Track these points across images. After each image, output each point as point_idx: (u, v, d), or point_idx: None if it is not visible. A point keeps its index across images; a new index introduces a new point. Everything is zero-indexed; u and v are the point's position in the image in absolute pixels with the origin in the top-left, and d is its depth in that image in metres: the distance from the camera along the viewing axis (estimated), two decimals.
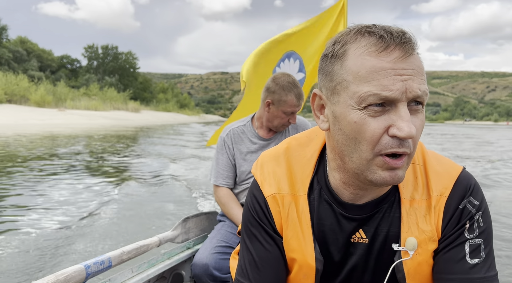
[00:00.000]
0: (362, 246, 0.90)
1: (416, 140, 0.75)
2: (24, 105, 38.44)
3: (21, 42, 75.76)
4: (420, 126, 0.74)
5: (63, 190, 6.43)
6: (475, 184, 0.88)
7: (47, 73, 71.57)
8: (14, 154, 10.83)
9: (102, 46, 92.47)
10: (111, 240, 4.00)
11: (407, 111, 0.71)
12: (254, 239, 0.93)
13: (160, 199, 6.04)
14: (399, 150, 0.72)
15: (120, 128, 28.29)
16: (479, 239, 0.84)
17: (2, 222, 4.57)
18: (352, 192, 0.86)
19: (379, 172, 0.75)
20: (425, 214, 0.86)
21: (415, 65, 0.73)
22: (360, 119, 0.74)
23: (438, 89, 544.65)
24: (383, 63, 0.72)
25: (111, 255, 1.50)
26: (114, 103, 56.26)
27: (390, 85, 0.71)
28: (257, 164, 0.99)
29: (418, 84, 0.72)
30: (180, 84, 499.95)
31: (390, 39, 0.72)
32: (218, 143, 2.16)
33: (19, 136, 16.70)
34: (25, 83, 42.75)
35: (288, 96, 1.96)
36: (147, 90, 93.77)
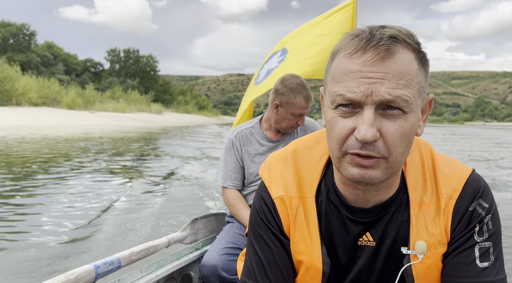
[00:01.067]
0: (369, 249, 0.89)
1: (391, 145, 0.73)
2: (56, 108, 40.76)
3: (48, 47, 79.08)
4: (396, 132, 0.73)
5: (79, 187, 6.67)
6: (485, 186, 0.88)
7: (73, 77, 74.50)
8: (68, 150, 12.40)
9: (124, 50, 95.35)
10: (120, 240, 4.03)
11: (370, 114, 0.71)
12: (262, 241, 0.93)
13: (170, 199, 6.07)
14: (362, 151, 0.73)
15: (148, 130, 30.13)
16: (488, 242, 0.83)
17: (15, 220, 4.71)
18: (352, 192, 0.86)
19: (349, 168, 0.76)
20: (434, 217, 0.85)
21: (391, 68, 0.71)
22: (332, 118, 0.77)
23: (458, 90, 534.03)
24: (352, 66, 0.73)
25: (120, 255, 1.50)
26: (138, 106, 58.54)
27: (355, 87, 0.72)
28: (265, 166, 0.99)
29: (388, 89, 0.71)
30: (197, 86, 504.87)
31: (366, 41, 0.72)
32: (226, 144, 2.15)
33: (69, 135, 18.58)
34: (56, 87, 45.18)
35: (296, 98, 1.96)
36: (167, 92, 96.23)
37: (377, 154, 0.73)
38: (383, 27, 0.75)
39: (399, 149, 0.75)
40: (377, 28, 0.74)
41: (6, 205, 5.37)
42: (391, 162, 0.75)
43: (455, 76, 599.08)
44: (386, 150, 0.74)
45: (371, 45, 0.72)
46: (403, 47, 0.73)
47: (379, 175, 0.75)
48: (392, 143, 0.73)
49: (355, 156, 0.74)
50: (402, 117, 0.73)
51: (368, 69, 0.72)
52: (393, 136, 0.73)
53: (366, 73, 0.72)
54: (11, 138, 15.92)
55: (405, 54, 0.73)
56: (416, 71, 0.74)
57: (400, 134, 0.73)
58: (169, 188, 7.00)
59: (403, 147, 0.75)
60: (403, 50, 0.73)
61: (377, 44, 0.71)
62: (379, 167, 0.75)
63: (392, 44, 0.72)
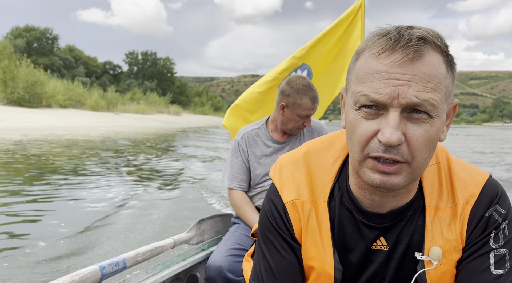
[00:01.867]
0: (382, 253, 0.87)
1: (415, 149, 0.71)
2: (80, 109, 42.55)
3: (70, 50, 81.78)
4: (421, 136, 0.71)
5: (89, 188, 6.84)
6: (502, 192, 0.86)
7: (93, 79, 76.80)
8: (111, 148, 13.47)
9: (141, 52, 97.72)
10: (126, 241, 4.03)
11: (395, 117, 0.69)
12: (271, 245, 0.91)
13: (177, 200, 6.09)
14: (385, 155, 0.71)
15: (170, 130, 31.51)
16: (504, 249, 0.81)
17: (22, 221, 4.76)
18: (368, 197, 0.84)
19: (369, 173, 0.74)
20: (449, 222, 0.84)
21: (419, 71, 0.69)
22: (354, 119, 0.74)
23: (476, 90, 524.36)
24: (379, 66, 0.71)
25: (126, 256, 1.50)
26: (157, 107, 60.23)
27: (381, 88, 0.70)
28: (275, 168, 0.97)
29: (416, 92, 0.68)
30: (212, 87, 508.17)
31: (395, 42, 0.70)
32: (233, 145, 2.16)
33: (103, 135, 19.91)
34: (80, 89, 47.04)
35: (303, 99, 1.95)
36: (183, 94, 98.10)
37: (401, 158, 0.71)
38: (411, 28, 0.72)
39: (423, 153, 0.73)
40: (405, 28, 0.72)
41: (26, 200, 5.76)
42: (414, 167, 0.73)
43: (473, 77, 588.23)
44: (410, 154, 0.72)
45: (400, 45, 0.70)
46: (432, 49, 0.71)
47: (401, 181, 0.74)
48: (417, 147, 0.71)
49: (376, 162, 0.73)
50: (428, 122, 0.71)
51: (395, 70, 0.70)
52: (418, 141, 0.71)
53: (393, 74, 0.70)
54: (52, 138, 17.31)
55: (434, 57, 0.71)
56: (444, 74, 0.72)
57: (425, 139, 0.72)
58: (177, 189, 7.05)
59: (427, 152, 0.74)
60: (432, 52, 0.71)
61: (406, 45, 0.69)
62: (402, 173, 0.73)
63: (421, 45, 0.70)
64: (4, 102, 33.34)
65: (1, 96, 33.64)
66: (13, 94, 33.53)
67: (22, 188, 6.60)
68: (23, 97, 33.82)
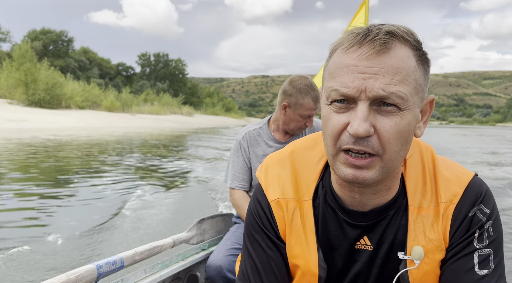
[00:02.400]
0: (366, 253, 0.88)
1: (386, 142, 0.72)
2: (96, 110, 43.61)
3: (84, 52, 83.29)
4: (391, 129, 0.71)
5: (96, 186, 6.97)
6: (487, 191, 0.85)
7: (107, 80, 78.15)
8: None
9: (154, 54, 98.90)
10: (125, 240, 4.02)
11: (363, 109, 0.70)
12: (257, 244, 0.92)
13: (179, 200, 6.11)
14: (355, 147, 0.72)
15: (186, 130, 32.27)
16: (488, 249, 0.81)
17: (27, 218, 4.81)
18: (349, 195, 0.85)
19: (342, 168, 0.75)
20: (432, 222, 0.83)
21: (386, 64, 0.70)
22: (326, 114, 0.76)
23: (490, 90, 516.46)
24: (347, 60, 0.72)
25: (123, 255, 1.49)
26: (171, 108, 61.22)
27: (349, 82, 0.71)
28: (262, 167, 0.98)
29: (382, 84, 0.70)
30: (222, 88, 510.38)
31: (363, 36, 0.72)
32: (234, 145, 2.15)
33: (124, 136, 20.72)
34: (96, 91, 48.13)
35: (305, 99, 1.94)
36: (195, 95, 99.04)
37: (371, 150, 0.72)
38: (382, 24, 0.74)
39: (394, 146, 0.73)
40: (376, 25, 0.74)
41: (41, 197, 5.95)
42: (386, 160, 0.73)
43: (487, 76, 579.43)
44: (381, 146, 0.72)
45: (367, 39, 0.71)
46: (400, 43, 0.72)
47: (374, 176, 0.74)
48: (387, 139, 0.72)
49: (348, 156, 0.73)
50: (398, 114, 0.72)
51: (363, 64, 0.71)
52: (388, 133, 0.71)
53: (361, 68, 0.71)
54: (83, 138, 18.09)
55: (402, 50, 0.72)
56: (414, 68, 0.73)
57: (395, 131, 0.72)
58: (179, 188, 7.09)
59: (399, 145, 0.74)
60: (400, 46, 0.72)
61: (373, 39, 0.71)
62: (374, 167, 0.73)
63: (388, 39, 0.71)
64: (25, 103, 34.50)
65: (23, 98, 34.82)
66: (34, 95, 34.64)
67: (52, 188, 7.06)
68: (44, 98, 34.87)
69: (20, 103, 34.50)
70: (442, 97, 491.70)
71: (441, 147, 19.27)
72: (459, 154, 15.81)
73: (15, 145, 13.37)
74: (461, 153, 16.75)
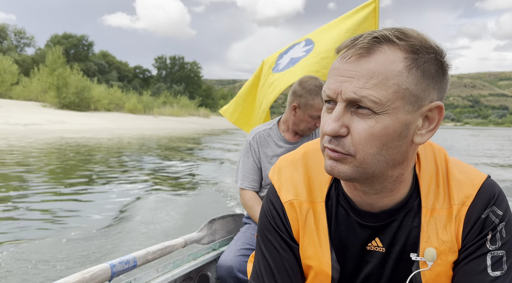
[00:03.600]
0: (378, 254, 0.89)
1: (357, 143, 0.73)
2: (119, 112, 45.71)
3: (103, 56, 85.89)
4: (364, 131, 0.73)
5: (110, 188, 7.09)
6: (500, 193, 0.85)
7: (125, 83, 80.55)
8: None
9: (170, 57, 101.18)
10: (137, 240, 4.09)
11: (338, 110, 0.74)
12: (270, 245, 0.93)
13: (190, 200, 6.19)
14: (328, 145, 0.76)
15: (208, 132, 33.97)
16: (501, 250, 0.81)
17: (36, 219, 4.87)
18: (355, 194, 0.86)
19: (326, 160, 0.79)
20: (445, 223, 0.84)
21: (362, 68, 0.71)
22: (322, 113, 0.81)
23: (506, 91, 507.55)
24: (335, 63, 0.76)
25: (136, 255, 1.51)
26: (188, 110, 63.24)
27: (331, 84, 0.75)
28: (275, 169, 0.99)
29: (355, 88, 0.71)
30: (234, 89, 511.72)
31: (351, 41, 0.74)
32: (244, 146, 2.17)
33: (157, 136, 22.32)
34: (119, 94, 50.32)
35: (315, 100, 1.95)
36: (209, 97, 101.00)
37: (342, 149, 0.74)
38: (386, 29, 0.75)
39: (368, 149, 0.74)
40: (374, 31, 0.75)
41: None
42: (359, 160, 0.75)
43: (503, 77, 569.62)
44: (353, 147, 0.74)
45: (355, 44, 0.73)
46: (388, 47, 0.72)
47: (348, 171, 0.76)
48: (359, 141, 0.73)
49: (327, 149, 0.77)
50: (373, 118, 0.72)
51: (344, 67, 0.74)
52: (360, 135, 0.73)
53: (342, 71, 0.74)
54: (126, 138, 19.66)
55: (387, 55, 0.72)
56: (398, 72, 0.71)
57: (368, 133, 0.73)
58: (191, 189, 7.21)
59: (374, 148, 0.74)
60: (388, 49, 0.72)
61: (358, 43, 0.73)
62: (347, 163, 0.76)
63: (373, 44, 0.72)
64: (57, 106, 36.80)
65: (55, 101, 37.15)
66: (65, 99, 36.92)
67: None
68: (74, 101, 37.18)
69: (53, 106, 36.84)
70: (457, 99, 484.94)
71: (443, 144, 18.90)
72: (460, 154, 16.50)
73: (73, 145, 14.99)
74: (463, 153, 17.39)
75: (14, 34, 71.32)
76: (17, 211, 5.23)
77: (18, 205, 5.53)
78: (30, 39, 74.36)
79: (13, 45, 67.93)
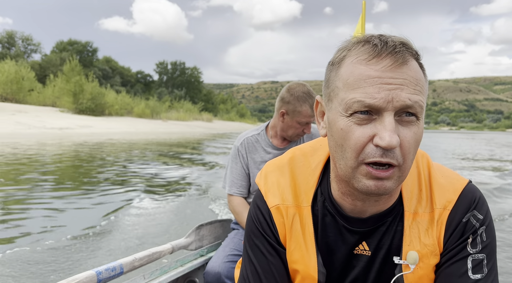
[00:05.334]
0: (364, 258, 0.90)
1: (407, 152, 0.73)
2: (128, 117, 47.96)
3: (107, 61, 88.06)
4: (411, 139, 0.73)
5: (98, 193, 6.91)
6: (480, 197, 0.87)
7: (128, 88, 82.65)
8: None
9: (171, 62, 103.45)
10: (124, 246, 4.03)
11: (391, 121, 0.71)
12: (257, 250, 0.94)
13: (177, 206, 6.12)
14: (382, 159, 0.72)
15: (215, 134, 35.93)
16: (482, 254, 0.83)
17: (21, 220, 4.80)
18: (351, 203, 0.86)
19: (364, 180, 0.75)
20: (427, 227, 0.85)
21: (408, 75, 0.72)
22: (346, 126, 0.75)
23: (501, 95, 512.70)
24: (370, 72, 0.73)
25: (122, 261, 1.48)
26: (192, 114, 65.67)
27: (375, 93, 0.71)
28: (261, 174, 1.00)
29: (408, 94, 0.71)
30: (232, 94, 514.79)
31: (382, 48, 0.73)
32: (232, 151, 2.15)
33: (178, 139, 24.02)
34: (128, 99, 52.63)
35: (302, 107, 1.96)
36: (210, 101, 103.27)
37: (396, 161, 0.73)
38: (386, 35, 0.76)
39: (412, 155, 0.75)
40: (383, 35, 0.76)
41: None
42: (403, 169, 0.75)
43: (498, 82, 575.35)
44: (402, 157, 0.73)
45: (388, 51, 0.73)
46: (411, 55, 0.75)
47: (393, 185, 0.75)
48: (408, 149, 0.73)
49: (371, 168, 0.73)
50: (416, 124, 0.74)
51: (387, 75, 0.72)
52: (409, 143, 0.73)
53: (386, 79, 0.72)
54: (139, 142, 21.53)
55: (414, 62, 0.75)
56: (424, 78, 0.76)
57: (414, 141, 0.74)
58: (179, 194, 7.08)
59: (414, 154, 0.76)
60: (412, 58, 0.75)
61: (393, 51, 0.72)
62: (393, 177, 0.75)
63: (406, 51, 0.74)
64: (74, 111, 39.11)
65: (72, 106, 39.38)
66: (82, 104, 39.14)
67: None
68: (90, 107, 39.44)
69: (70, 111, 39.16)
70: (453, 103, 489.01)
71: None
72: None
73: (118, 145, 16.66)
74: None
75: (21, 40, 73.52)
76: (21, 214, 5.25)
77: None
78: (36, 45, 76.53)
79: (21, 51, 70.10)
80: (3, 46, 68.61)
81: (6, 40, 69.48)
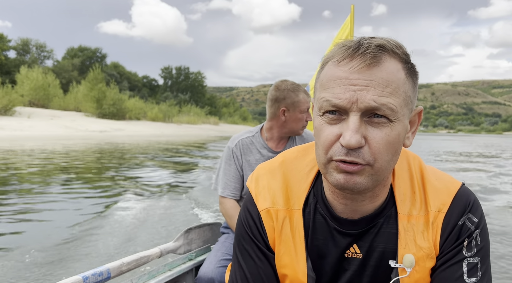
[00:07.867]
0: (356, 261, 0.89)
1: (377, 152, 0.74)
2: (143, 120, 51.25)
3: (115, 67, 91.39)
4: (382, 139, 0.74)
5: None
6: (475, 200, 0.88)
7: (135, 92, 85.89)
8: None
9: (176, 67, 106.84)
10: (111, 251, 3.96)
11: (355, 121, 0.72)
12: (247, 254, 0.93)
13: (165, 209, 6.08)
14: (347, 158, 0.73)
15: (229, 136, 38.26)
16: (476, 257, 0.83)
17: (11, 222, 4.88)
18: (341, 202, 0.86)
19: (335, 174, 0.77)
20: (422, 230, 0.85)
21: (377, 76, 0.72)
22: (319, 125, 0.78)
23: (499, 99, 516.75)
24: (339, 73, 0.74)
25: (110, 266, 1.47)
26: (201, 118, 69.04)
27: (341, 94, 0.73)
28: (252, 177, 0.99)
29: (373, 96, 0.72)
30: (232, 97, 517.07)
31: (354, 50, 0.74)
32: (226, 153, 2.12)
33: (195, 141, 26.63)
34: (141, 104, 56.06)
35: (299, 96, 2.01)
36: (213, 105, 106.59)
37: (362, 160, 0.74)
38: (372, 38, 0.76)
39: (385, 156, 0.75)
40: (366, 38, 0.76)
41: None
42: (376, 169, 0.76)
43: (496, 85, 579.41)
44: (372, 156, 0.74)
45: (358, 53, 0.73)
46: (390, 56, 0.75)
47: (364, 181, 0.76)
48: (378, 150, 0.74)
49: (340, 163, 0.75)
50: (388, 126, 0.74)
51: (354, 76, 0.73)
52: (379, 144, 0.74)
53: (352, 80, 0.73)
54: (165, 144, 23.64)
55: (392, 63, 0.74)
56: (403, 80, 0.75)
57: (385, 142, 0.74)
58: (166, 198, 7.07)
59: (389, 155, 0.76)
60: (390, 59, 0.74)
61: (364, 52, 0.73)
62: (364, 174, 0.75)
63: (379, 52, 0.73)
64: (97, 116, 42.32)
65: (96, 111, 42.67)
66: (105, 109, 42.48)
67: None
68: (112, 112, 42.78)
69: (94, 115, 42.51)
70: (451, 106, 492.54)
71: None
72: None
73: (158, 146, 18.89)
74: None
75: (35, 47, 76.88)
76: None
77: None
78: (49, 52, 79.88)
79: (36, 58, 73.44)
80: (18, 53, 71.87)
81: (21, 47, 72.76)
